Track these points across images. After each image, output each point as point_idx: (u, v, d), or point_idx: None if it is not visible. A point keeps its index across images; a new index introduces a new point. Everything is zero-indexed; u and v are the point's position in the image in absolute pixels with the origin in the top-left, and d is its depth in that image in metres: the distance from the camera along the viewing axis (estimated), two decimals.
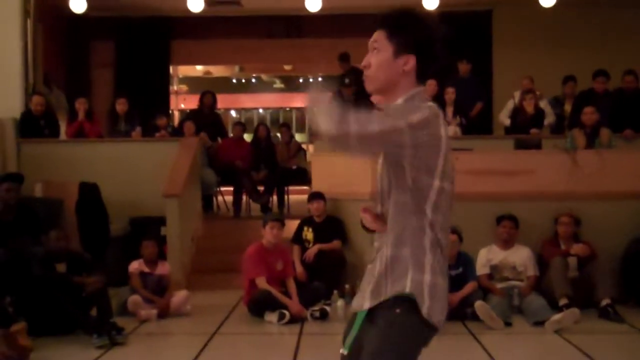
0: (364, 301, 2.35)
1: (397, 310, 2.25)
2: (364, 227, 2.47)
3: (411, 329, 2.26)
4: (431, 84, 9.00)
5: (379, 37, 2.33)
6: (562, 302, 6.26)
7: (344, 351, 2.40)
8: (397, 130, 2.15)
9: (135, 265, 6.75)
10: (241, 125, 10.90)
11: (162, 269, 6.88)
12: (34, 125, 9.13)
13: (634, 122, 9.08)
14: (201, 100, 10.62)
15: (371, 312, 2.32)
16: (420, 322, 2.24)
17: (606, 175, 7.22)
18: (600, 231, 7.03)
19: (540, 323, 6.08)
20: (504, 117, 10.01)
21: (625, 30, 11.71)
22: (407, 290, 2.24)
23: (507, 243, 6.83)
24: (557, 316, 6.03)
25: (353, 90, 10.17)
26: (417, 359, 2.33)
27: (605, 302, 6.40)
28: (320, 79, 21.56)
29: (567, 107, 9.74)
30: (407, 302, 2.24)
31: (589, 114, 8.10)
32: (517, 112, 9.63)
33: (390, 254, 2.29)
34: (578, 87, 9.80)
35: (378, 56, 2.33)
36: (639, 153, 7.88)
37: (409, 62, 2.30)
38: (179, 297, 6.73)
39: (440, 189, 2.26)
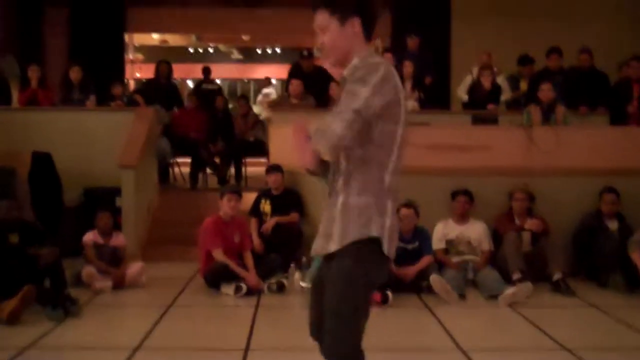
0: (328, 244, 2.57)
1: (347, 262, 2.50)
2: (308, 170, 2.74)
3: (364, 273, 2.53)
4: (387, 57, 8.97)
5: (322, 17, 2.54)
6: (516, 276, 6.35)
7: (306, 285, 2.73)
8: (367, 106, 2.40)
9: (89, 237, 6.67)
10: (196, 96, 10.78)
11: (117, 240, 6.80)
12: None
13: (589, 99, 9.21)
14: (157, 70, 10.47)
15: (329, 256, 2.59)
16: (377, 259, 2.55)
17: (561, 151, 7.31)
18: (553, 206, 7.14)
19: (494, 297, 6.17)
20: (461, 92, 10.07)
21: (581, 7, 11.85)
22: (375, 234, 2.51)
23: (462, 218, 6.90)
24: (510, 290, 6.12)
25: (312, 63, 10.13)
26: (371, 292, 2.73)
27: (557, 276, 6.52)
28: (278, 50, 21.45)
29: (524, 86, 9.82)
30: (361, 247, 2.50)
31: (546, 91, 8.18)
32: (475, 88, 9.69)
33: (356, 202, 2.52)
34: (535, 64, 9.88)
35: (328, 33, 2.54)
36: (592, 130, 8.01)
37: (355, 24, 2.53)
38: (134, 268, 6.66)
39: (401, 135, 2.52)
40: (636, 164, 7.31)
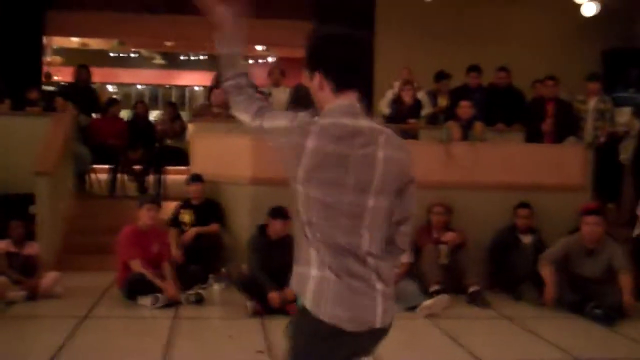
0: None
1: (291, 320, 2.39)
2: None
3: (302, 337, 2.35)
4: None
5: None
6: (433, 288, 6.47)
7: None
8: (267, 131, 2.36)
9: (1, 245, 6.45)
10: (118, 103, 10.58)
11: (30, 249, 6.61)
12: None
13: (506, 117, 9.48)
14: (76, 74, 10.22)
15: None
16: (311, 324, 2.28)
17: (478, 166, 7.51)
18: (470, 220, 7.31)
19: (412, 308, 6.27)
20: (383, 106, 10.19)
21: (498, 29, 12.23)
22: (293, 284, 2.34)
23: None
24: (428, 302, 6.24)
25: None
26: None
27: (473, 288, 6.68)
28: (202, 57, 21.28)
29: (441, 101, 10.04)
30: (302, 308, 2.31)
31: (465, 108, 8.34)
32: (396, 102, 9.83)
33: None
34: (454, 81, 10.11)
35: None
36: (508, 146, 8.24)
37: (316, 77, 2.37)
38: (48, 278, 6.48)
39: (305, 195, 2.29)
40: (550, 179, 7.57)
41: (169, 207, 7.56)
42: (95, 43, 19.37)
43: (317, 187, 2.27)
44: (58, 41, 17.47)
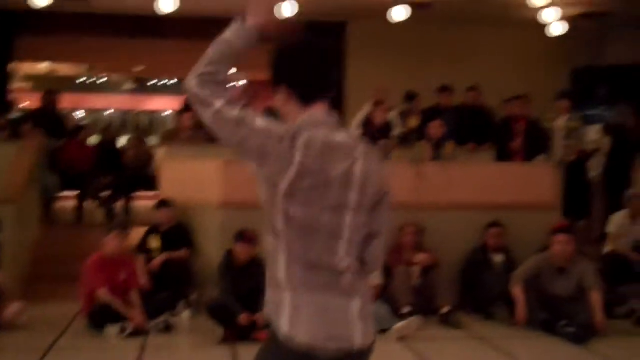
0: None
1: (264, 343, 2.31)
2: None
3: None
4: None
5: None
6: (405, 310, 6.42)
7: None
8: (240, 124, 2.17)
9: None
10: (85, 129, 10.48)
11: None
12: None
13: (477, 136, 9.50)
14: (43, 100, 10.12)
15: None
16: (280, 348, 2.19)
17: (449, 186, 7.48)
18: (442, 240, 7.26)
19: (384, 331, 6.20)
20: (355, 127, 10.17)
21: (469, 46, 12.30)
22: (267, 312, 2.25)
23: None
24: (400, 324, 6.18)
25: None
26: None
27: (445, 309, 6.63)
28: (172, 82, 21.22)
29: (412, 121, 10.04)
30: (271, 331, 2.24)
31: (436, 127, 8.35)
32: (367, 123, 9.82)
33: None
34: (426, 101, 10.13)
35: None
36: (479, 166, 8.24)
37: (281, 91, 2.31)
38: (12, 308, 6.30)
39: (284, 211, 2.19)
40: (520, 198, 7.56)
41: (137, 233, 7.44)
42: (64, 69, 19.26)
43: (298, 204, 2.19)
44: (26, 67, 17.33)
